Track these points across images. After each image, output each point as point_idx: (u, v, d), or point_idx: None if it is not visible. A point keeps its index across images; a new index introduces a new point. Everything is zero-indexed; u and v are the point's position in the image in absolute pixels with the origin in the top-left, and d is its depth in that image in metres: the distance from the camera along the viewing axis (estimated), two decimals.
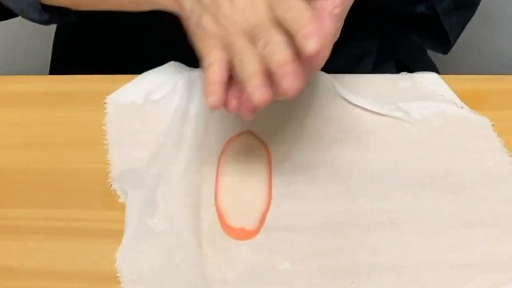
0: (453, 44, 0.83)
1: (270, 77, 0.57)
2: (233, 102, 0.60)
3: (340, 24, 0.63)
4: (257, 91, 0.57)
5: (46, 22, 0.76)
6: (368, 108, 0.72)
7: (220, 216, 0.64)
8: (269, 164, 0.68)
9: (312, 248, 0.62)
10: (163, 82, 0.75)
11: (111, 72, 0.82)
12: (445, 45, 0.83)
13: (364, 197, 0.65)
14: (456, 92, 0.74)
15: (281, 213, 0.65)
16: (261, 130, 0.71)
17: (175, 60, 0.78)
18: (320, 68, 0.61)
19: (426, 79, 0.76)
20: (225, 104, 0.60)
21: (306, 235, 0.63)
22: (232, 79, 0.61)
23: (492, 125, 0.71)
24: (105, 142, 0.71)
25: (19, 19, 0.79)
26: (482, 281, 0.59)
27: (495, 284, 0.59)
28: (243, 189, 0.66)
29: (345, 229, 0.63)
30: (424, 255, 0.61)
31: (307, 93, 0.71)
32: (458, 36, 0.82)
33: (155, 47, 0.84)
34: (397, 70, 0.90)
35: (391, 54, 0.90)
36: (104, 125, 0.72)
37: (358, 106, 0.72)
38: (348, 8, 0.63)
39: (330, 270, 0.60)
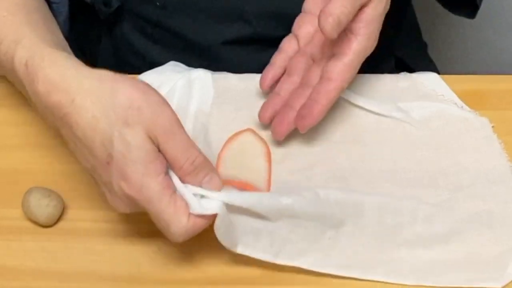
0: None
1: None
2: None
3: None
4: None
5: None
6: (368, 108, 0.72)
7: None
8: (269, 163, 0.68)
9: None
10: (163, 82, 0.75)
11: None
12: (472, 11, 0.82)
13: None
14: (456, 92, 0.74)
15: None
16: (261, 129, 0.71)
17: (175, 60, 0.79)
18: None
19: (426, 79, 0.76)
20: None
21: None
22: None
23: (492, 126, 0.71)
24: None
25: None
26: (460, 277, 0.60)
27: (473, 281, 0.60)
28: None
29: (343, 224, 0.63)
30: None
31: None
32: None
33: (155, 47, 0.84)
34: (397, 69, 0.90)
35: (391, 51, 0.90)
36: None
37: (357, 106, 0.72)
38: None
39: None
